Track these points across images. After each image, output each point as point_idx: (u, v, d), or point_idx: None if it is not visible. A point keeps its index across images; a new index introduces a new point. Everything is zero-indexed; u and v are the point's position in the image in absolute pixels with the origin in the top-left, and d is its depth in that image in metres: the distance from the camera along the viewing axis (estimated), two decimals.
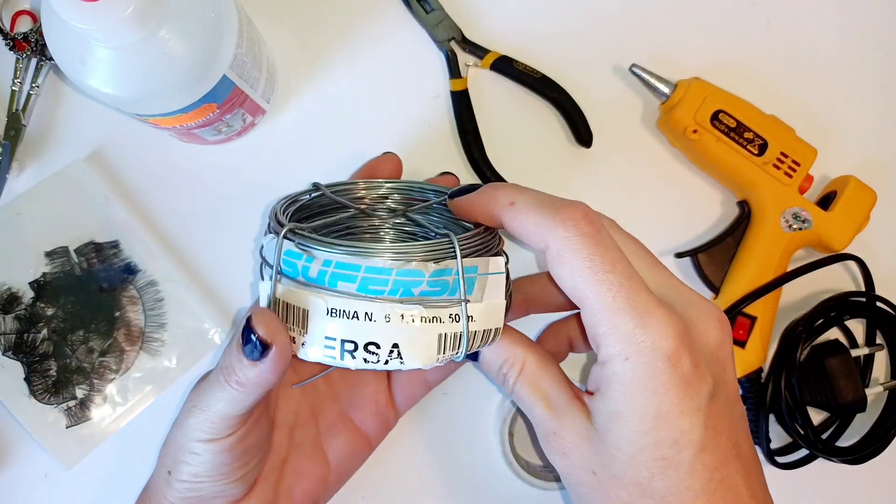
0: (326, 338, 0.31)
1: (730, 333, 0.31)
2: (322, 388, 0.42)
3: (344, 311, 0.30)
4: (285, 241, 0.32)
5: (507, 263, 0.34)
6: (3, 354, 0.44)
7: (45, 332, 0.44)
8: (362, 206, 0.41)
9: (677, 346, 0.29)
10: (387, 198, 0.41)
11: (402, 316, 0.30)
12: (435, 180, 0.43)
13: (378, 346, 0.31)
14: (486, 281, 0.32)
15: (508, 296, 0.33)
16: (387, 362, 0.31)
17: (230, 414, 0.33)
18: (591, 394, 0.31)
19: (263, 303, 0.33)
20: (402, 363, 0.31)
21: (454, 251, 0.31)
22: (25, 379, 0.44)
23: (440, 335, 0.31)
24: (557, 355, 0.39)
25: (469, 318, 0.31)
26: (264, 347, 0.31)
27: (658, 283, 0.31)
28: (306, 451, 0.40)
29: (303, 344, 0.32)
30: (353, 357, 0.31)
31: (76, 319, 0.45)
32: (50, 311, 0.44)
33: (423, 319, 0.30)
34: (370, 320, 0.30)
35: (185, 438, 0.34)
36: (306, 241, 0.31)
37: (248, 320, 0.31)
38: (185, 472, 0.34)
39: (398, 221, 0.41)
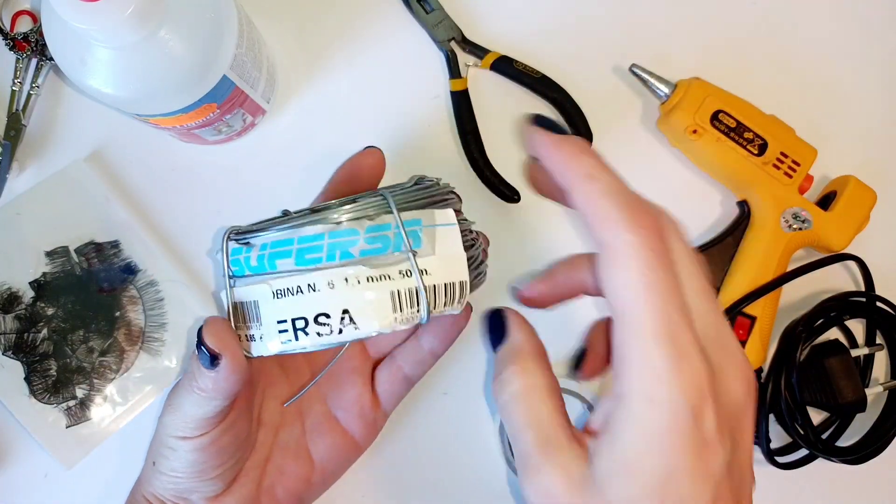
0: (279, 322, 0.30)
1: (756, 396, 0.28)
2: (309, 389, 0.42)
3: (287, 289, 0.29)
4: (230, 242, 0.32)
5: (459, 214, 0.32)
6: (3, 354, 0.44)
7: (45, 331, 0.44)
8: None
9: (703, 401, 0.26)
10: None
11: (346, 279, 0.29)
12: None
13: (328, 316, 0.29)
14: (434, 233, 0.30)
15: (475, 249, 0.32)
16: (341, 331, 0.30)
17: (198, 416, 0.34)
18: (592, 433, 0.28)
19: (224, 311, 0.33)
20: (356, 329, 0.29)
21: (389, 206, 0.29)
22: (25, 379, 0.44)
23: (392, 293, 0.30)
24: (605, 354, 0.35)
25: (422, 271, 0.30)
26: (214, 358, 0.32)
27: (702, 315, 0.28)
28: (291, 450, 0.40)
29: (260, 338, 0.32)
30: (307, 334, 0.30)
31: (76, 319, 0.45)
32: (50, 311, 0.44)
33: (369, 279, 0.29)
34: (314, 291, 0.29)
35: (163, 433, 0.36)
36: (244, 234, 0.31)
37: (199, 331, 0.32)
38: (165, 465, 0.36)
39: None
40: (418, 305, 0.30)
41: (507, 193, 0.47)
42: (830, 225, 0.46)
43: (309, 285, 0.29)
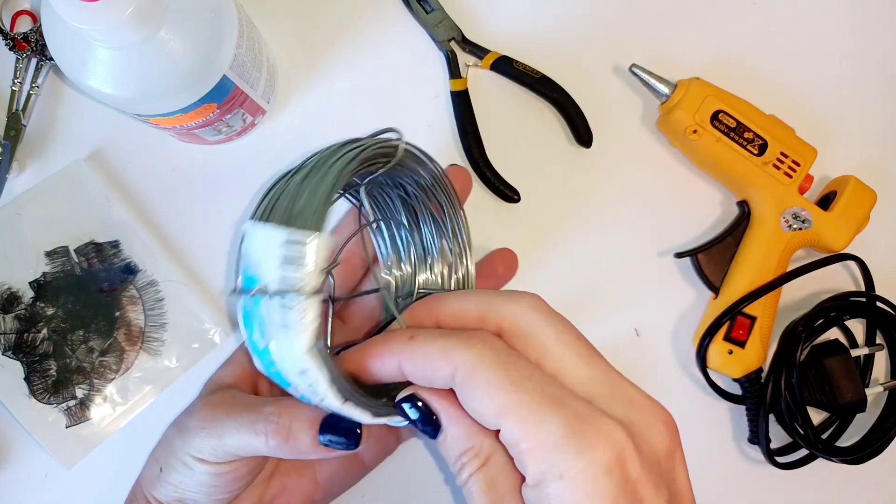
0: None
1: (678, 439, 0.27)
2: None
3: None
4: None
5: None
6: (3, 354, 0.44)
7: (45, 331, 0.44)
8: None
9: (619, 456, 0.24)
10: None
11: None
12: (448, 171, 0.39)
13: None
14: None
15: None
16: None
17: (238, 452, 0.33)
18: None
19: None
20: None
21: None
22: (25, 379, 0.44)
23: None
24: None
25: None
26: (347, 447, 0.31)
27: (594, 378, 0.27)
28: (295, 467, 0.39)
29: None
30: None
31: (76, 319, 0.45)
32: (50, 311, 0.44)
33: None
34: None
35: (181, 448, 0.34)
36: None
37: (357, 429, 0.31)
38: (174, 477, 0.35)
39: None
40: None
41: (507, 193, 0.47)
42: (830, 225, 0.46)
43: None
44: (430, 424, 0.29)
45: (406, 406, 0.29)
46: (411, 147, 0.34)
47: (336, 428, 0.31)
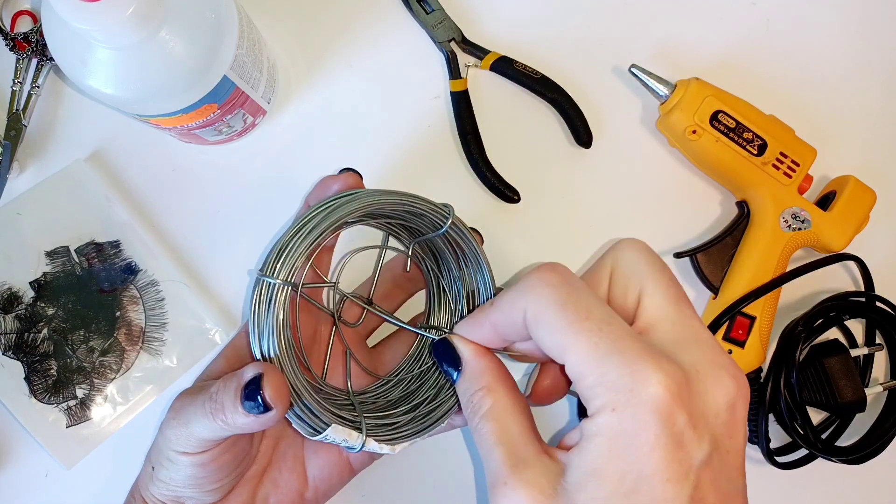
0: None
1: (746, 394, 0.28)
2: None
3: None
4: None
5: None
6: (3, 354, 0.44)
7: (45, 331, 0.44)
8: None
9: (671, 400, 0.25)
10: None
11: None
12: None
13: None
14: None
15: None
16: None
17: (206, 438, 0.34)
18: (566, 448, 0.28)
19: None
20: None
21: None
22: (26, 378, 0.44)
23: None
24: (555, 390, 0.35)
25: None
26: (266, 408, 0.31)
27: (675, 321, 0.28)
28: (287, 463, 0.40)
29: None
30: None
31: (77, 319, 0.45)
32: (50, 311, 0.45)
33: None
34: None
35: (164, 445, 0.35)
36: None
37: (259, 379, 0.32)
38: (163, 474, 0.36)
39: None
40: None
41: (507, 193, 0.47)
42: (830, 225, 0.46)
43: None
44: (452, 364, 0.33)
45: (438, 347, 0.33)
46: (457, 223, 0.38)
47: (249, 392, 0.32)
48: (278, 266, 0.33)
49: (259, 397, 0.31)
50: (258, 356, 0.33)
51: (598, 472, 0.26)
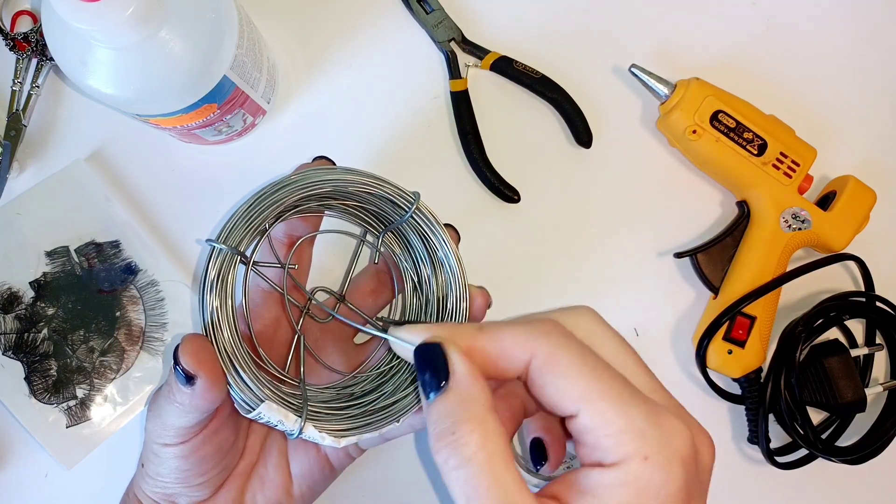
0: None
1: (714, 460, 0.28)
2: None
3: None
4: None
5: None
6: (3, 354, 0.44)
7: (45, 331, 0.44)
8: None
9: (692, 453, 0.26)
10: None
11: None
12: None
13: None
14: None
15: None
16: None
17: (178, 425, 0.34)
18: (559, 500, 0.26)
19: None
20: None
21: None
22: (26, 379, 0.44)
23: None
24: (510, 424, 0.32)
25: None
26: (189, 377, 0.31)
27: (654, 389, 0.28)
28: (273, 459, 0.39)
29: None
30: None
31: (77, 319, 0.45)
32: (50, 311, 0.45)
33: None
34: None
35: (148, 439, 0.35)
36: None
37: (175, 349, 0.32)
38: (151, 469, 0.36)
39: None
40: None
41: (507, 193, 0.47)
42: (830, 225, 0.46)
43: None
44: (437, 374, 0.26)
45: (422, 350, 0.27)
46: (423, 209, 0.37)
47: (175, 367, 0.32)
48: (226, 234, 0.33)
49: (179, 368, 0.31)
50: (200, 328, 0.33)
51: None
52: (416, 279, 0.40)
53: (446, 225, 0.38)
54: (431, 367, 0.27)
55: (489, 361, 0.27)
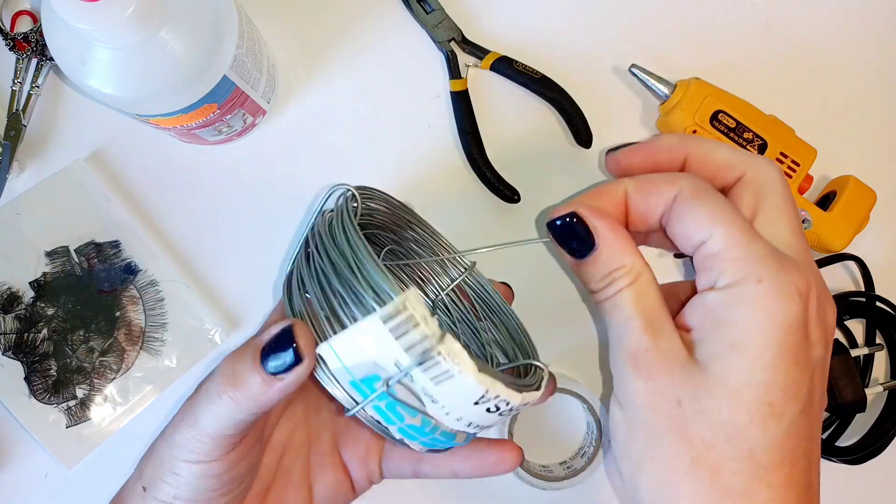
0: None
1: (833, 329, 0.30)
2: (324, 413, 0.39)
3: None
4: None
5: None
6: (3, 354, 0.44)
7: (45, 331, 0.44)
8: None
9: (809, 292, 0.27)
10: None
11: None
12: (497, 286, 0.41)
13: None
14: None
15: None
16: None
17: (218, 432, 0.30)
18: (685, 328, 0.29)
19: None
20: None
21: None
22: (25, 379, 0.44)
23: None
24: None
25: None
26: (296, 361, 0.29)
27: (797, 247, 0.29)
28: (294, 479, 0.36)
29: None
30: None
31: (76, 319, 0.45)
32: (50, 311, 0.45)
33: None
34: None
35: (169, 455, 0.31)
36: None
37: (289, 329, 0.29)
38: (164, 491, 0.31)
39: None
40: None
41: (507, 194, 0.47)
42: (830, 225, 0.46)
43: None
44: (584, 242, 0.30)
45: (559, 223, 0.30)
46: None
47: (274, 348, 0.29)
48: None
49: (295, 348, 0.29)
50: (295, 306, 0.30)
51: (736, 342, 0.27)
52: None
53: (502, 283, 0.39)
54: (575, 237, 0.30)
55: (643, 191, 0.30)
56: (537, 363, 0.35)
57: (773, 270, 0.27)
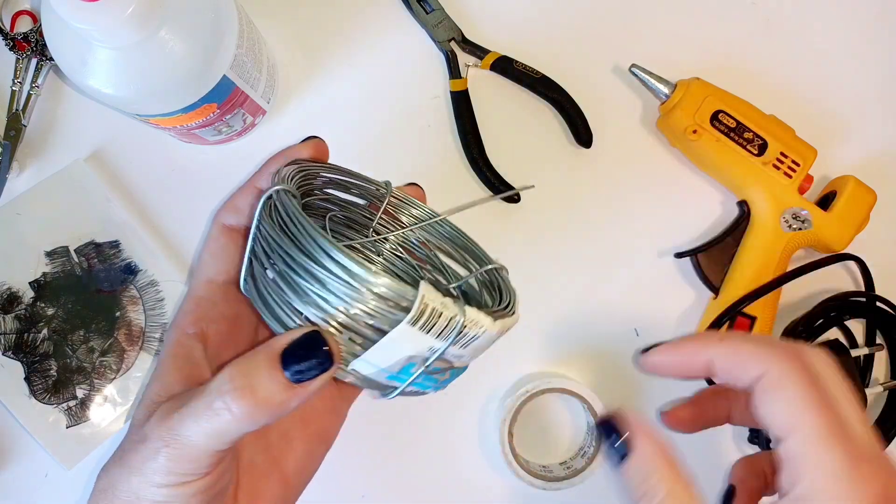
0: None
1: None
2: None
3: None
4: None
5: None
6: (3, 354, 0.44)
7: (45, 331, 0.44)
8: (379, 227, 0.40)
9: (883, 499, 0.27)
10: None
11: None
12: (403, 189, 0.40)
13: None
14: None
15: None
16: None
17: (212, 447, 0.28)
18: None
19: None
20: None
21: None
22: (26, 379, 0.44)
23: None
24: (753, 489, 0.36)
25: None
26: (327, 366, 0.28)
27: (862, 435, 0.29)
28: (259, 469, 0.34)
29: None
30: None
31: (76, 319, 0.45)
32: (50, 311, 0.45)
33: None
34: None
35: (144, 486, 0.28)
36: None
37: (317, 335, 0.28)
38: None
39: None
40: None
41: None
42: (830, 225, 0.46)
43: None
44: (616, 450, 0.30)
45: (603, 428, 0.30)
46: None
47: (298, 353, 0.28)
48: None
49: (318, 354, 0.28)
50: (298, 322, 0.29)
51: None
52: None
53: (409, 184, 0.40)
54: (615, 439, 0.30)
55: (726, 368, 0.30)
56: (493, 265, 0.37)
57: (849, 489, 0.26)
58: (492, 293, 0.38)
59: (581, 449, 0.46)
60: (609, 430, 0.30)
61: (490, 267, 0.38)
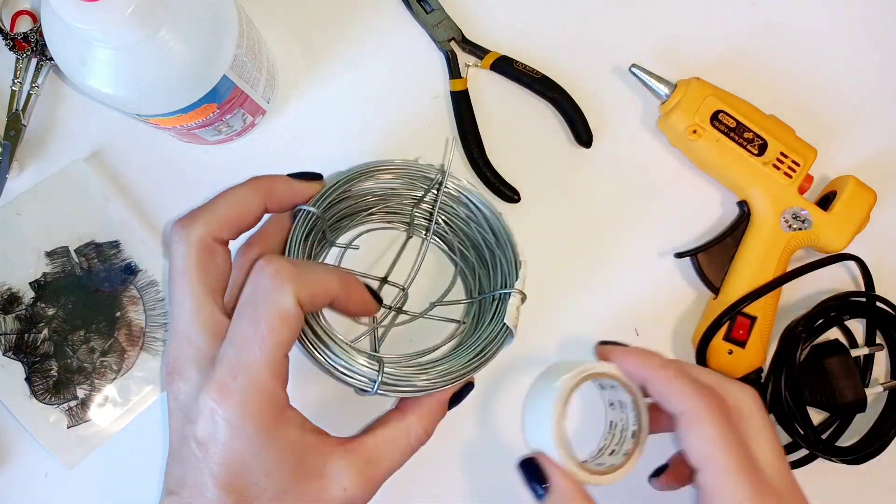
0: None
1: None
2: None
3: None
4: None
5: None
6: (3, 355, 0.44)
7: (45, 332, 0.44)
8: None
9: None
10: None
11: None
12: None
13: None
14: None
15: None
16: None
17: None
18: None
19: None
20: None
21: None
22: (26, 379, 0.44)
23: None
24: (684, 475, 0.40)
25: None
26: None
27: (782, 475, 0.34)
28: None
29: None
30: None
31: (77, 319, 0.45)
32: (50, 311, 0.45)
33: None
34: None
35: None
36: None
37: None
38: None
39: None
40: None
41: (507, 193, 0.47)
42: (830, 225, 0.46)
43: None
44: (537, 480, 0.36)
45: (524, 469, 0.37)
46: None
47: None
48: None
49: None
50: None
51: None
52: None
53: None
54: (534, 477, 0.37)
55: (655, 393, 0.36)
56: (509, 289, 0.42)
57: None
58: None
59: (602, 448, 0.42)
60: (531, 470, 0.36)
61: (505, 291, 0.42)
